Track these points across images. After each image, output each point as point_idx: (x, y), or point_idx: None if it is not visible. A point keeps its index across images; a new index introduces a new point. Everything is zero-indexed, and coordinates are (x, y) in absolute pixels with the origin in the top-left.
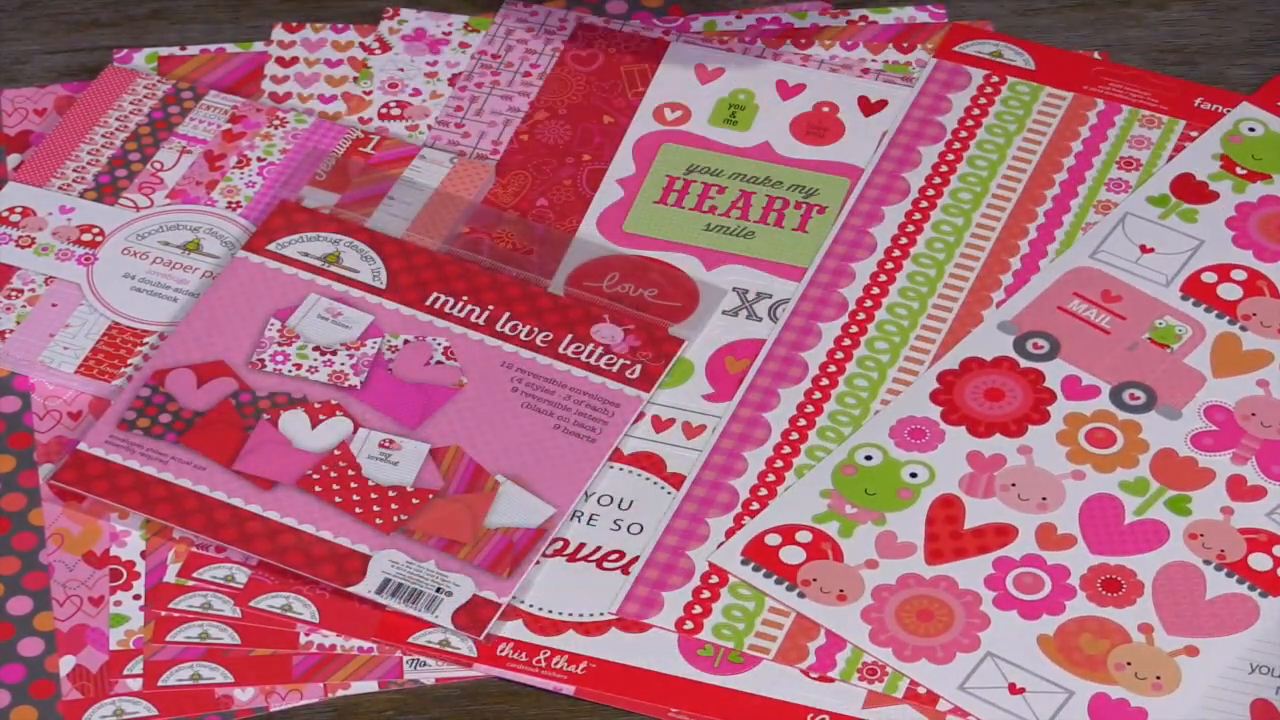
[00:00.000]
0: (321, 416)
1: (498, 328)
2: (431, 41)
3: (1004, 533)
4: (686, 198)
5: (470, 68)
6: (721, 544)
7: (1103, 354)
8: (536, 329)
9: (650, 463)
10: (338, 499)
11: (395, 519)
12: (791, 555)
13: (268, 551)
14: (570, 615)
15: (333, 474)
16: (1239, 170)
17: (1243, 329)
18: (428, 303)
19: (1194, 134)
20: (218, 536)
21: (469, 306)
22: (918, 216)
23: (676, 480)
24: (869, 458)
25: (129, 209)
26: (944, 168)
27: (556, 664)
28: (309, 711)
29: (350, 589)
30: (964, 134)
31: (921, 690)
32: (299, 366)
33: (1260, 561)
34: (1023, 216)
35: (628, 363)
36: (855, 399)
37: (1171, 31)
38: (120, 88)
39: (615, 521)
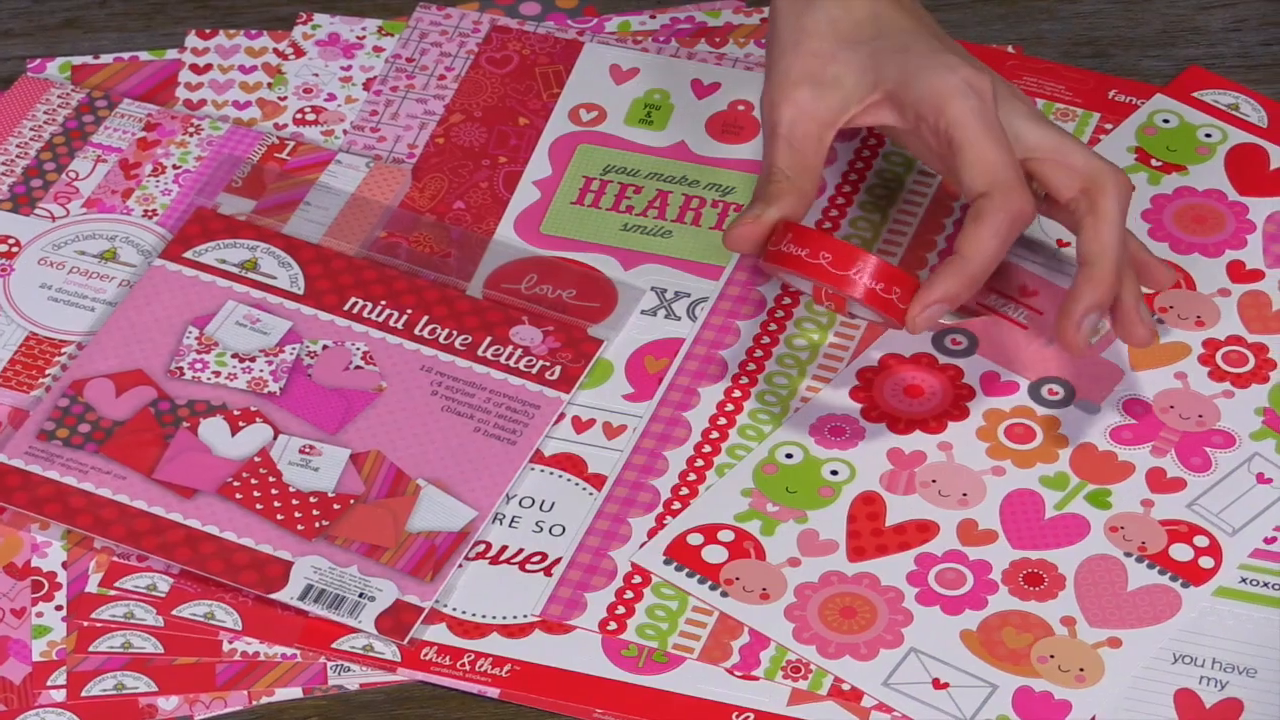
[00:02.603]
0: (241, 423)
1: (416, 331)
2: (345, 46)
3: (925, 529)
4: (603, 198)
5: (384, 72)
6: (644, 544)
7: (1020, 349)
8: (455, 332)
9: (571, 464)
10: (259, 506)
11: (317, 525)
12: (714, 554)
13: (189, 560)
14: (494, 618)
15: (253, 481)
16: (1154, 162)
17: (1160, 322)
18: (346, 308)
19: (1108, 126)
20: (139, 546)
21: (387, 310)
22: (834, 213)
23: (598, 481)
24: (790, 456)
25: (45, 219)
26: (859, 164)
27: (481, 667)
28: (233, 719)
29: (273, 595)
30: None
31: (846, 687)
32: (218, 374)
33: (1181, 552)
34: (939, 211)
35: (547, 364)
36: (775, 397)
37: (1085, 25)
38: (34, 97)
39: (537, 523)
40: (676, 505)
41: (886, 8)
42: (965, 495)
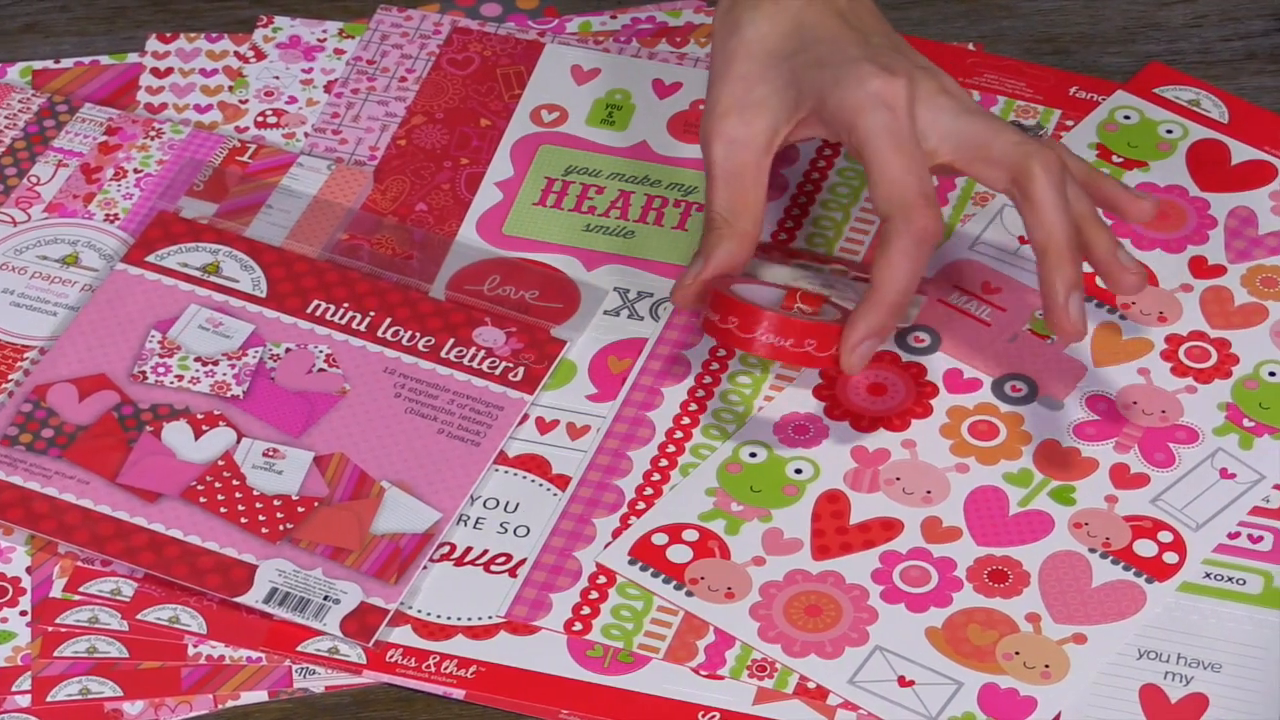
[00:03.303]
0: (205, 427)
1: (379, 334)
2: (306, 49)
3: (890, 527)
4: (565, 199)
5: (346, 74)
6: (608, 544)
7: (983, 346)
8: (418, 334)
9: (535, 464)
10: (223, 509)
11: (281, 528)
12: (679, 554)
13: (154, 564)
14: (459, 619)
15: (217, 484)
16: (1115, 158)
17: (1122, 318)
18: (309, 310)
19: (1070, 123)
20: (103, 550)
21: (350, 313)
22: (796, 212)
23: (562, 481)
24: (754, 455)
25: (6, 224)
26: (821, 162)
27: (446, 668)
28: None
29: (237, 599)
30: None
31: (811, 685)
32: (181, 378)
33: (1145, 548)
34: None
35: (510, 365)
36: (739, 396)
37: (1045, 22)
38: None
39: (502, 524)
40: (641, 505)
41: (812, 13)
42: (929, 492)
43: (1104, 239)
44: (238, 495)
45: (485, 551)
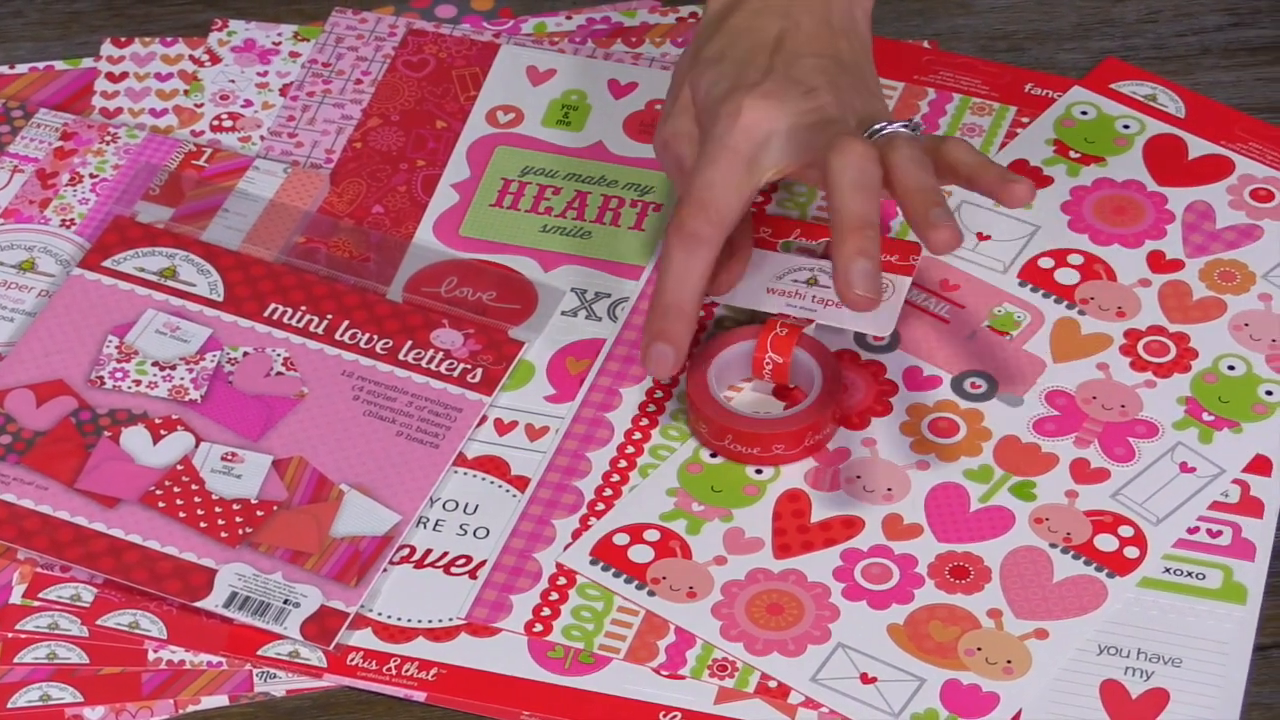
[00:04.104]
0: (163, 432)
1: (337, 336)
2: (261, 52)
3: (851, 525)
4: (522, 200)
5: (301, 77)
6: (568, 545)
7: (943, 343)
8: (376, 336)
9: (494, 466)
10: (182, 514)
11: (240, 532)
12: (640, 554)
13: (113, 569)
14: (419, 622)
15: (176, 489)
16: (1072, 154)
17: (1081, 313)
18: (266, 314)
19: (1025, 120)
20: (62, 556)
21: (307, 316)
22: (751, 210)
23: (521, 483)
24: (714, 455)
25: None
26: None
27: (407, 671)
28: None
29: (197, 604)
30: None
31: (773, 684)
32: (138, 382)
33: (1106, 543)
34: None
35: (468, 367)
36: None
37: (1000, 19)
38: None
39: (461, 526)
40: (600, 506)
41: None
42: (890, 490)
43: (924, 194)
44: (197, 500)
45: (445, 553)
